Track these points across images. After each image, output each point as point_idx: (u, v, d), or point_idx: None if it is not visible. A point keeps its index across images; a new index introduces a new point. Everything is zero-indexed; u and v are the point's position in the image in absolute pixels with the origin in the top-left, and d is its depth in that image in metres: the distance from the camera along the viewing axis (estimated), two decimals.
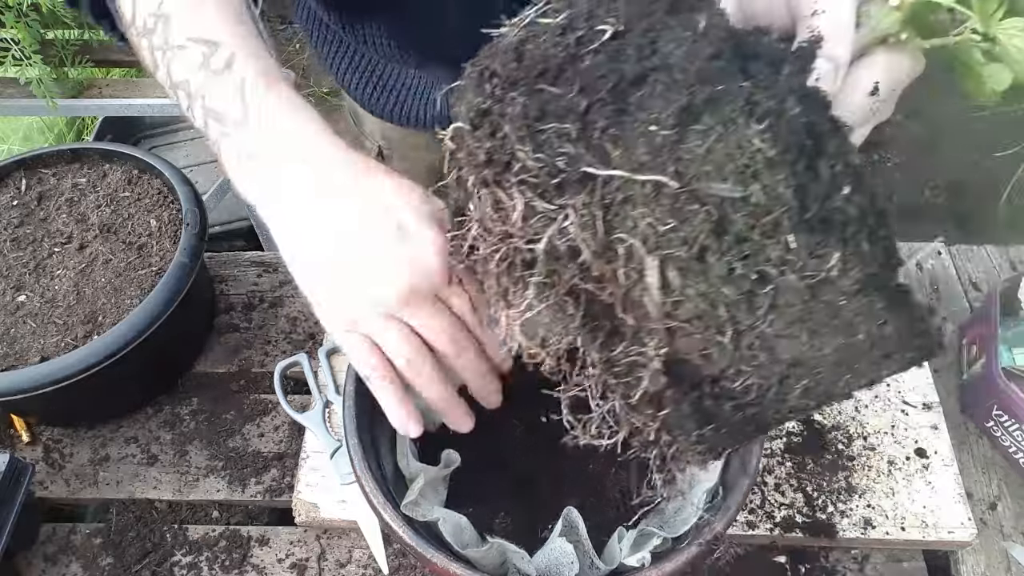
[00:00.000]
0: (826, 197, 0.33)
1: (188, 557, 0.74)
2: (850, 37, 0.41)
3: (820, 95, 0.36)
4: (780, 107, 0.32)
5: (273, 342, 0.89)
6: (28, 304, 0.78)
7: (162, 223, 0.84)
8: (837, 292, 0.34)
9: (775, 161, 0.32)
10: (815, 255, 0.33)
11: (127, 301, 0.77)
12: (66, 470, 0.80)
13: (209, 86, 0.51)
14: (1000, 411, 0.76)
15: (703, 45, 0.33)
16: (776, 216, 0.32)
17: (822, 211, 0.33)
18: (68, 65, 1.37)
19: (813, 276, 0.33)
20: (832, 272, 0.33)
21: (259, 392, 0.85)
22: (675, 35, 0.34)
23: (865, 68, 0.43)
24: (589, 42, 0.35)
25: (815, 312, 0.35)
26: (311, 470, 0.75)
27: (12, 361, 0.74)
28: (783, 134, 0.32)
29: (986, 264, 0.96)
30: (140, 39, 0.56)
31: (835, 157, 0.34)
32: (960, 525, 0.71)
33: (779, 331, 0.35)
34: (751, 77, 0.33)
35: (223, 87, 0.51)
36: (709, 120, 0.32)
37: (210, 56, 0.51)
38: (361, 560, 0.73)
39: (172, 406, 0.84)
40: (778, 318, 0.35)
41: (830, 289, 0.34)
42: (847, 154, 0.34)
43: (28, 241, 0.83)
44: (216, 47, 0.52)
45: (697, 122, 0.32)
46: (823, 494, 0.74)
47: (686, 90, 0.32)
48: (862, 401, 0.80)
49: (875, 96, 0.42)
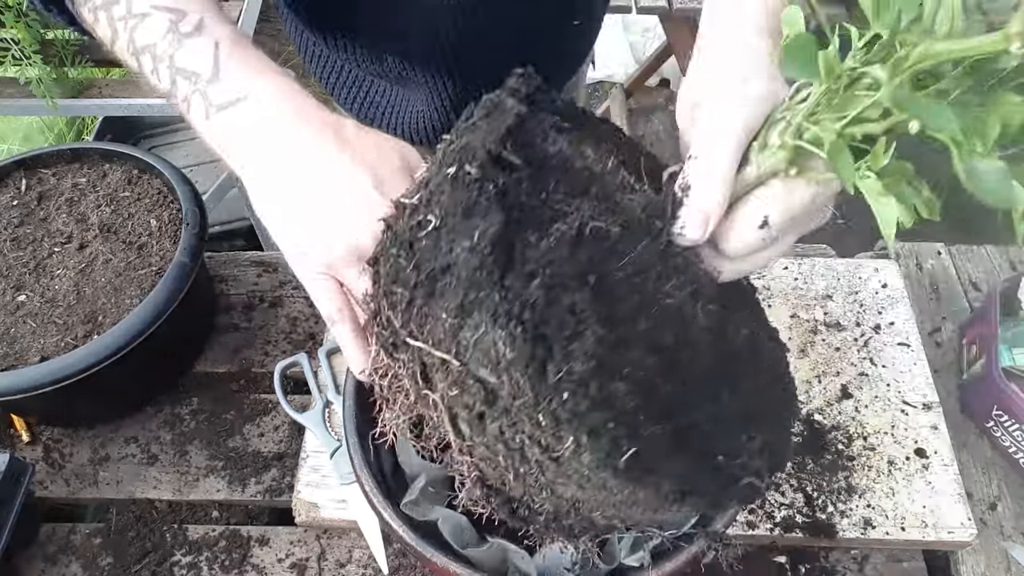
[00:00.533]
0: (551, 397, 0.39)
1: (188, 557, 0.74)
2: (719, 182, 0.43)
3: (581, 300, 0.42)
4: (520, 317, 0.40)
5: (273, 342, 0.89)
6: (28, 304, 0.78)
7: (162, 223, 0.84)
8: (579, 466, 0.41)
9: (513, 361, 0.39)
10: (555, 436, 0.40)
11: (127, 301, 0.77)
12: (66, 470, 0.80)
13: (178, 47, 0.53)
14: (1000, 411, 0.76)
15: (475, 254, 0.40)
16: (523, 401, 0.40)
17: (552, 406, 0.39)
18: (68, 65, 1.37)
19: (554, 453, 0.41)
20: (567, 453, 0.40)
21: (259, 392, 0.85)
22: (468, 233, 0.41)
23: (755, 201, 0.44)
24: (423, 227, 0.43)
25: (570, 475, 0.42)
26: (311, 470, 0.75)
27: (12, 361, 0.74)
28: (519, 342, 0.39)
29: (986, 264, 0.96)
30: (98, 12, 0.57)
31: (565, 360, 0.40)
32: (960, 525, 0.71)
33: (551, 481, 0.43)
34: (505, 288, 0.40)
35: (194, 47, 0.53)
36: (476, 318, 0.40)
37: (178, 21, 0.53)
38: (361, 560, 0.73)
39: (172, 406, 0.84)
40: (546, 472, 0.42)
41: (573, 463, 0.41)
42: (578, 358, 0.40)
43: (28, 241, 0.83)
44: (183, 14, 0.54)
45: (469, 317, 0.40)
46: (823, 494, 0.74)
47: (463, 290, 0.40)
48: (862, 401, 0.80)
49: (766, 229, 0.44)
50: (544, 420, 0.40)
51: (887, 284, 0.89)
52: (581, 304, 0.42)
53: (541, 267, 0.42)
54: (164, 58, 0.54)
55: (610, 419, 0.40)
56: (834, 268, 0.91)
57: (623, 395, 0.41)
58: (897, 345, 0.84)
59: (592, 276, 0.44)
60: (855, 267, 0.91)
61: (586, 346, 0.41)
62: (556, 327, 0.41)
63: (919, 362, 0.83)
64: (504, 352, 0.40)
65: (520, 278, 0.42)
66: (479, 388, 0.41)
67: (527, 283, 0.41)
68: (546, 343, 0.40)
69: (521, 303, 0.40)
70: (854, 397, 0.80)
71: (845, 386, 0.81)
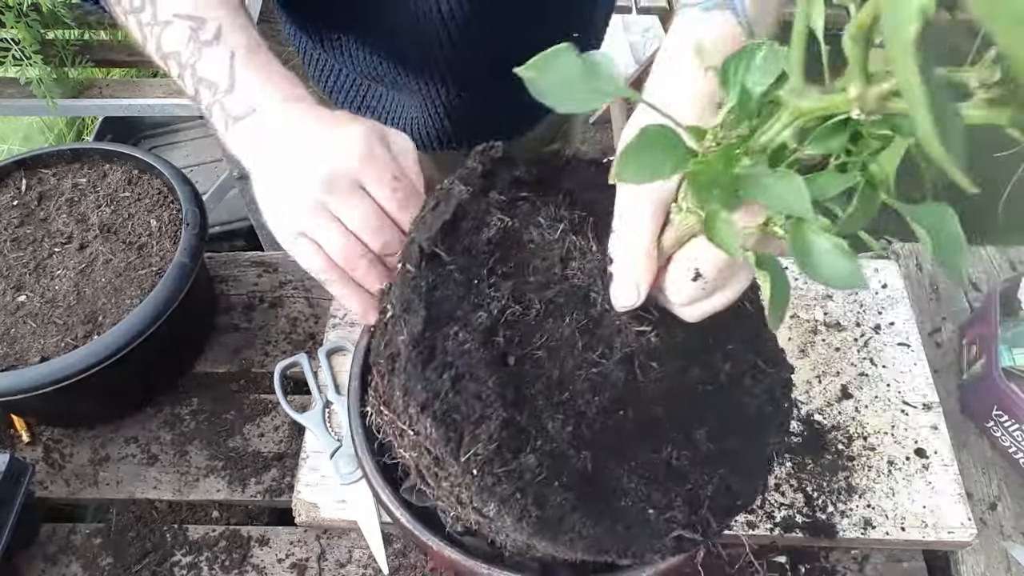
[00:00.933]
0: (467, 472, 0.46)
1: (188, 557, 0.74)
2: (640, 256, 0.46)
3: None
4: (433, 407, 0.47)
5: (273, 342, 0.89)
6: (28, 304, 0.78)
7: (162, 223, 0.84)
8: (504, 525, 0.48)
9: (436, 441, 0.46)
10: (481, 500, 0.47)
11: (127, 301, 0.77)
12: (66, 470, 0.80)
13: (199, 56, 0.56)
14: (1000, 411, 0.76)
15: (406, 347, 0.48)
16: (453, 471, 0.48)
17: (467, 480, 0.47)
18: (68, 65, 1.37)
19: (486, 513, 0.48)
20: (491, 514, 0.47)
21: (259, 392, 0.85)
22: (405, 327, 0.49)
23: (683, 260, 0.46)
24: (385, 313, 0.51)
25: (505, 530, 0.51)
26: (311, 470, 0.75)
27: (12, 361, 0.74)
28: (437, 427, 0.46)
29: (986, 264, 0.96)
30: (128, 16, 0.60)
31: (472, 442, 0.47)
32: (960, 525, 0.71)
33: (499, 529, 0.52)
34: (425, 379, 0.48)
35: (212, 57, 0.56)
36: (412, 402, 0.47)
37: (198, 29, 0.56)
38: (361, 560, 0.73)
39: (172, 406, 0.84)
40: (493, 524, 0.51)
41: (498, 522, 0.48)
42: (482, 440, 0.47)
43: (28, 241, 0.83)
44: (203, 22, 0.57)
45: (410, 399, 0.48)
46: (823, 494, 0.74)
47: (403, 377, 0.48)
48: (862, 401, 0.80)
49: (701, 280, 0.46)
50: (470, 489, 0.47)
51: (887, 284, 0.90)
52: (487, 391, 0.47)
53: (454, 359, 0.49)
54: (188, 66, 0.57)
55: (516, 490, 0.46)
56: None
57: (532, 467, 0.46)
58: (897, 345, 0.84)
59: (510, 358, 0.49)
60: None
61: (491, 429, 0.47)
62: (465, 414, 0.47)
63: (919, 362, 0.83)
64: (431, 432, 0.47)
65: (436, 370, 0.48)
66: (428, 454, 0.49)
67: (440, 374, 0.48)
68: (457, 428, 0.47)
69: (434, 393, 0.47)
70: (854, 397, 0.80)
71: (845, 386, 0.81)
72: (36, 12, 1.28)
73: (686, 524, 0.48)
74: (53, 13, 1.28)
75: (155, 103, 1.43)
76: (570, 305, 0.51)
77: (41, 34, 1.32)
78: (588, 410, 0.49)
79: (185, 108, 1.42)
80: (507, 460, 0.46)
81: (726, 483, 0.50)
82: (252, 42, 0.57)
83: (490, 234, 0.53)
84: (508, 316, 0.50)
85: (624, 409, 0.50)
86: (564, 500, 0.47)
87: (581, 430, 0.48)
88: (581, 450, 0.48)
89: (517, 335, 0.50)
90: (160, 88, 1.44)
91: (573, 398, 0.49)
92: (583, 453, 0.48)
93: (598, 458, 0.48)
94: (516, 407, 0.48)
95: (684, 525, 0.48)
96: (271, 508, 0.81)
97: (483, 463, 0.46)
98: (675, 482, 0.49)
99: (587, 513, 0.47)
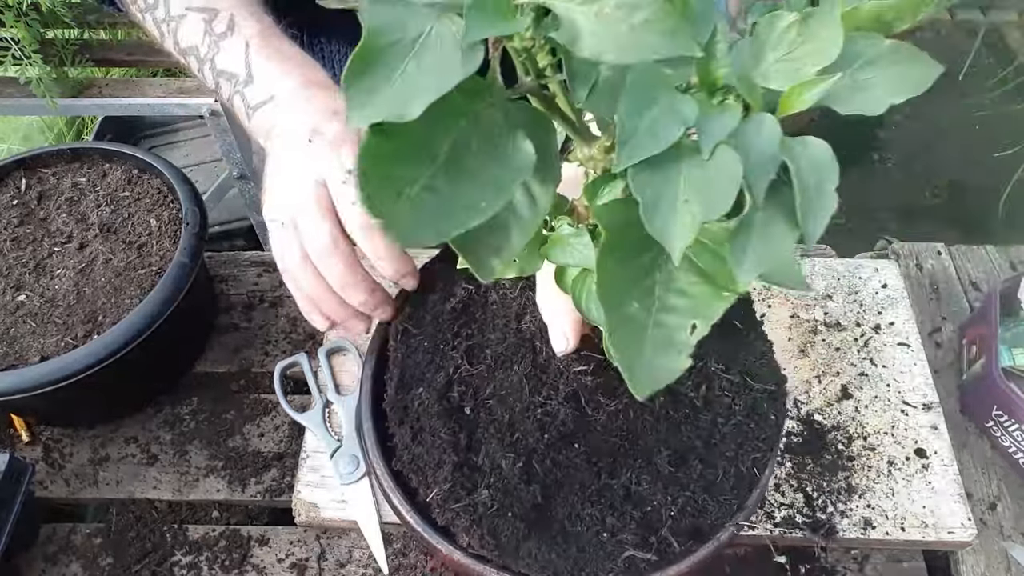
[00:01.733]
0: (430, 509, 0.58)
1: (188, 557, 0.74)
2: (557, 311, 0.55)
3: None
4: (401, 457, 0.59)
5: (273, 342, 0.89)
6: (28, 304, 0.78)
7: (162, 223, 0.84)
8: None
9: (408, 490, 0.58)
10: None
11: (127, 301, 0.77)
12: (66, 470, 0.80)
13: (216, 50, 0.57)
14: (1000, 411, 0.76)
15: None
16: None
17: (433, 515, 0.57)
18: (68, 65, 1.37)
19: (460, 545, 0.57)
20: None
21: (259, 392, 0.85)
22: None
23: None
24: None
25: None
26: (311, 470, 0.75)
27: (12, 361, 0.74)
28: (407, 473, 0.58)
29: (986, 264, 0.96)
30: (143, 15, 0.61)
31: (432, 484, 0.57)
32: (960, 525, 0.71)
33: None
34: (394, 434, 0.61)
35: (228, 48, 0.57)
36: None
37: (211, 21, 0.57)
38: (361, 560, 0.73)
39: (172, 406, 0.84)
40: None
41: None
42: (439, 483, 0.56)
43: (28, 241, 0.83)
44: (215, 12, 0.57)
45: None
46: (823, 494, 0.74)
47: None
48: (862, 401, 0.80)
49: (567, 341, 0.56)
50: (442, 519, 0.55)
51: (887, 284, 0.89)
52: (440, 441, 0.56)
53: (417, 415, 0.58)
54: (207, 61, 0.58)
55: (472, 523, 0.53)
56: (834, 268, 0.91)
57: (485, 502, 0.53)
58: (897, 345, 0.84)
59: (466, 408, 0.57)
60: (855, 267, 0.91)
61: (445, 472, 0.55)
62: (426, 461, 0.56)
63: (919, 362, 0.83)
64: (409, 477, 0.57)
65: (403, 425, 0.58)
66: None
67: (404, 429, 0.58)
68: (420, 473, 0.56)
69: (403, 446, 0.58)
70: (854, 397, 0.80)
71: (845, 386, 0.81)
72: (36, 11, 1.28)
73: (638, 545, 0.52)
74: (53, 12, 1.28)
75: (155, 103, 1.43)
76: (518, 356, 0.59)
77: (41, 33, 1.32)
78: (537, 446, 0.55)
79: (185, 108, 1.42)
80: (461, 497, 0.54)
81: (695, 504, 0.55)
82: (265, 28, 0.57)
83: (455, 303, 0.62)
84: (463, 373, 0.59)
85: (575, 442, 0.56)
86: (516, 529, 0.52)
87: (531, 465, 0.55)
88: (531, 483, 0.54)
89: (471, 388, 0.58)
90: (160, 88, 1.44)
91: (523, 437, 0.55)
92: (532, 486, 0.54)
93: (549, 489, 0.54)
94: (470, 450, 0.56)
95: (635, 546, 0.52)
96: (271, 508, 0.81)
97: (442, 501, 0.54)
98: (633, 506, 0.54)
99: (541, 539, 0.52)
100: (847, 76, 0.33)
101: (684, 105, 0.31)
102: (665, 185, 0.31)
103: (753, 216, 0.33)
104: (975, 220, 1.93)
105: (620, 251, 0.35)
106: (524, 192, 0.35)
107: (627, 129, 0.30)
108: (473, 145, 0.32)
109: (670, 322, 0.36)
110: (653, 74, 0.31)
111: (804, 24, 0.33)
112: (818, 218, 0.32)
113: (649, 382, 0.35)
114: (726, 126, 0.31)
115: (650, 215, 0.31)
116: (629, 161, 0.30)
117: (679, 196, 0.31)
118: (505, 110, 0.34)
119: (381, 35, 0.30)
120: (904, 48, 0.34)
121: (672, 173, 0.31)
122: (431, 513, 0.56)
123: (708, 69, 0.33)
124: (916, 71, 0.34)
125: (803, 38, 0.33)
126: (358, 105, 0.29)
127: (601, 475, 0.55)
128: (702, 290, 0.37)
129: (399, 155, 0.30)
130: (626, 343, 0.35)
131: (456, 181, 0.31)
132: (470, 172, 0.31)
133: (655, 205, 0.31)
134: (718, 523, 0.54)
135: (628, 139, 0.30)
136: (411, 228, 0.30)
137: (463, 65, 0.29)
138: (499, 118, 0.33)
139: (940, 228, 1.88)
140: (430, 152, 0.31)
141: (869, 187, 2.01)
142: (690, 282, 0.37)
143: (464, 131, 0.32)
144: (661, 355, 0.35)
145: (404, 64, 0.29)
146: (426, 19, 0.30)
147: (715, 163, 0.31)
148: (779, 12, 0.34)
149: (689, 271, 0.37)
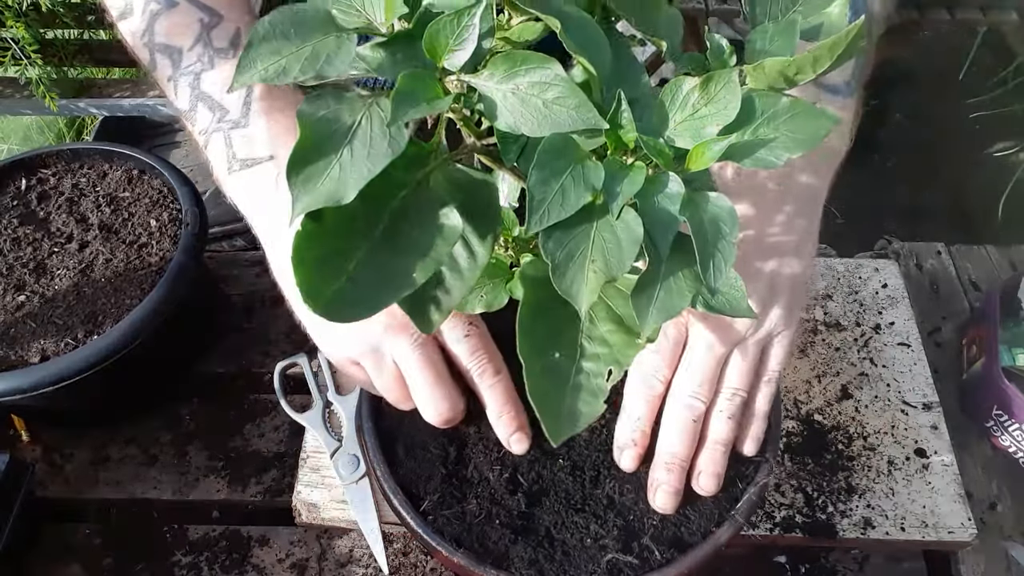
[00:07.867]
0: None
1: (188, 557, 0.74)
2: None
3: None
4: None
5: (273, 342, 0.89)
6: (28, 304, 0.78)
7: (162, 223, 0.84)
8: None
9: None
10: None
11: (127, 301, 0.77)
12: (66, 470, 0.80)
13: (208, 66, 0.45)
14: (1000, 411, 0.76)
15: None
16: None
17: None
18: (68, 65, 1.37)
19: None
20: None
21: (259, 392, 0.85)
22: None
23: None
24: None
25: None
26: (311, 470, 0.75)
27: (12, 361, 0.74)
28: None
29: (986, 264, 0.96)
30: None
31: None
32: (960, 525, 0.71)
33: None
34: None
35: (226, 73, 0.45)
36: None
37: (211, 27, 0.46)
38: (361, 560, 0.73)
39: (172, 406, 0.84)
40: None
41: None
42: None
43: (28, 241, 0.83)
44: (219, 18, 0.46)
45: None
46: (823, 494, 0.74)
47: None
48: (862, 401, 0.80)
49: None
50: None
51: (887, 284, 0.90)
52: (429, 455, 0.61)
53: (409, 432, 0.62)
54: (188, 73, 0.46)
55: (462, 530, 0.57)
56: (834, 268, 0.91)
57: (473, 511, 0.57)
58: (897, 345, 0.84)
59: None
60: (855, 267, 0.91)
61: (435, 484, 0.59)
62: (418, 474, 0.60)
63: (919, 362, 0.83)
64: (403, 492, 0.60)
65: (396, 443, 0.62)
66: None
67: (399, 446, 0.62)
68: (414, 486, 0.60)
69: (399, 462, 0.61)
70: (854, 397, 0.80)
71: (845, 386, 0.81)
72: (36, 11, 1.28)
73: (619, 549, 0.55)
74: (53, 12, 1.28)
75: (155, 103, 1.43)
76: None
77: (41, 34, 1.32)
78: (522, 460, 0.59)
79: None
80: (451, 506, 0.57)
81: (681, 516, 0.57)
82: None
83: None
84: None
85: (559, 457, 0.59)
86: (503, 535, 0.56)
87: (517, 477, 0.59)
88: (516, 493, 0.58)
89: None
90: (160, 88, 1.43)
91: (509, 452, 0.59)
92: (518, 495, 0.57)
93: (534, 498, 0.58)
94: (460, 463, 0.59)
95: (617, 550, 0.55)
96: (271, 508, 0.81)
97: (433, 510, 0.57)
98: (616, 514, 0.57)
99: (527, 544, 0.56)
100: (748, 132, 0.36)
101: (591, 171, 0.33)
102: (574, 246, 0.34)
103: (659, 269, 0.36)
104: (975, 220, 1.93)
105: (542, 305, 0.38)
106: (463, 246, 0.37)
107: (536, 197, 0.32)
108: (411, 214, 0.34)
109: (592, 369, 0.40)
110: (563, 143, 0.33)
111: (705, 87, 0.35)
112: (719, 269, 0.34)
113: (568, 428, 0.39)
114: (631, 188, 0.33)
115: (559, 276, 0.33)
116: (539, 226, 0.32)
117: (588, 256, 0.33)
118: (446, 173, 0.35)
119: (318, 128, 0.31)
120: (800, 105, 0.36)
121: (581, 235, 0.34)
122: (428, 517, 0.58)
123: (617, 135, 0.35)
124: (811, 125, 0.36)
125: (705, 99, 0.35)
126: (299, 196, 0.31)
127: (585, 486, 0.59)
128: (620, 338, 0.41)
129: (337, 234, 0.32)
130: (547, 392, 0.38)
131: (393, 252, 0.33)
132: (406, 242, 0.33)
133: (564, 266, 0.33)
134: (699, 532, 0.57)
135: (538, 207, 0.32)
136: (348, 306, 0.32)
137: (390, 147, 0.31)
138: (441, 182, 0.35)
139: (940, 228, 1.88)
140: (369, 227, 0.33)
141: (869, 187, 2.01)
142: (608, 330, 0.41)
143: (405, 200, 0.34)
144: (581, 401, 0.39)
145: (340, 152, 0.31)
146: (359, 108, 0.32)
147: (620, 224, 0.33)
148: (681, 77, 0.36)
149: (607, 320, 0.41)
